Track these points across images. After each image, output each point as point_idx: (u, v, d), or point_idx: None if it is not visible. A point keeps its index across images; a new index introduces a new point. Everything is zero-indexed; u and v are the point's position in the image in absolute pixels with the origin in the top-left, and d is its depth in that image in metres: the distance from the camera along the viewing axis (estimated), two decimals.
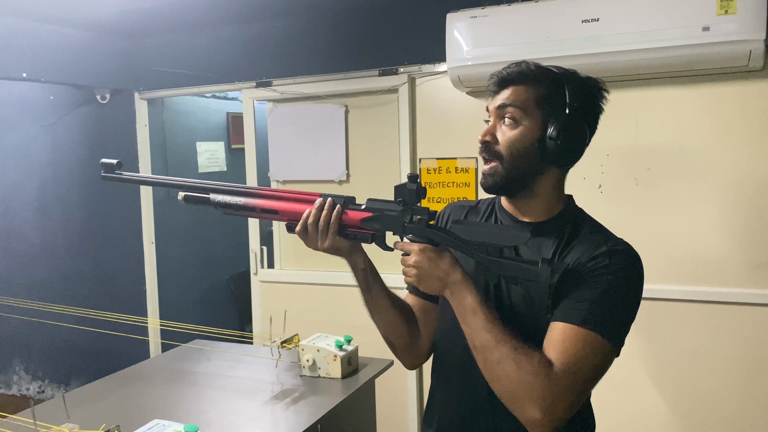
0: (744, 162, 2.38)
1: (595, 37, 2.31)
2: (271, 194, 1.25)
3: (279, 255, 3.33)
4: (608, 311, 1.06)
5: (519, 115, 1.14)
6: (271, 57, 3.21)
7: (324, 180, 3.14)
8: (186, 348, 2.47)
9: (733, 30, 2.11)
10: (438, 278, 1.11)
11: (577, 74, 1.18)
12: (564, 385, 1.02)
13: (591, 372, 1.05)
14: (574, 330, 1.05)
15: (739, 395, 2.43)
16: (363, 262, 1.25)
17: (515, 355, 1.03)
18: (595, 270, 1.09)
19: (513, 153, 1.14)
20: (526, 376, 1.01)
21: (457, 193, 2.86)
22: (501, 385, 1.05)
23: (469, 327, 1.09)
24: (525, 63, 1.18)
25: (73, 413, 1.66)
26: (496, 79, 1.20)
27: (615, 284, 1.08)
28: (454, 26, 2.55)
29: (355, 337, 2.17)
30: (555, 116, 1.13)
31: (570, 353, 1.03)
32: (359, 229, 1.19)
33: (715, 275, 2.44)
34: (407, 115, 2.91)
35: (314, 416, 1.79)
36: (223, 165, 4.41)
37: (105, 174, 1.34)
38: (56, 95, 3.84)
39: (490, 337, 1.05)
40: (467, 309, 1.09)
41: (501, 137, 1.16)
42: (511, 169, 1.15)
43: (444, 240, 1.14)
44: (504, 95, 1.17)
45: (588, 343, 1.04)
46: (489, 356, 1.06)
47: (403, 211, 1.16)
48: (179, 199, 1.31)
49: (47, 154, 3.93)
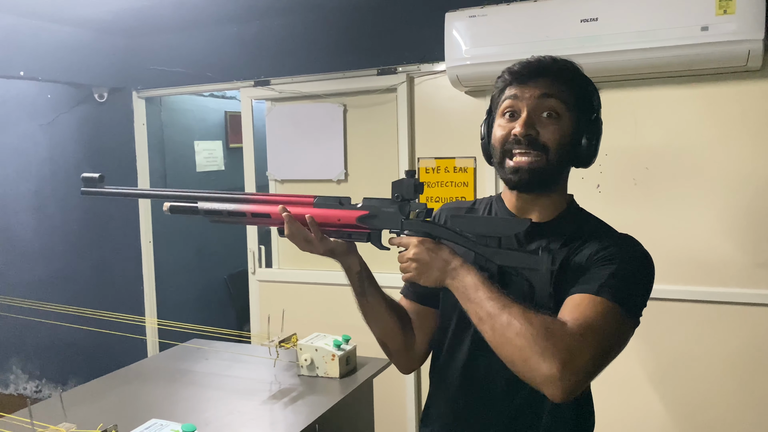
0: (743, 162, 2.38)
1: (594, 37, 2.30)
2: (261, 198, 1.23)
3: (277, 254, 3.32)
4: (625, 284, 1.04)
5: (561, 110, 1.11)
6: (269, 56, 3.20)
7: (322, 179, 3.13)
8: (184, 347, 2.47)
9: (731, 30, 2.11)
10: (438, 269, 1.09)
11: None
12: (580, 342, 0.96)
13: (607, 337, 1.00)
14: (589, 298, 1.02)
15: (738, 395, 2.43)
16: (358, 264, 1.23)
17: (524, 313, 0.98)
18: (606, 256, 1.08)
19: (559, 147, 1.11)
20: (539, 330, 0.95)
21: (455, 192, 2.86)
22: (512, 345, 0.97)
23: (472, 302, 1.04)
24: (560, 59, 1.15)
25: (70, 412, 1.66)
26: (527, 66, 1.14)
27: (629, 263, 1.08)
28: (452, 25, 2.55)
29: (354, 336, 2.17)
30: (585, 118, 1.13)
31: (584, 315, 1.00)
32: (355, 229, 1.17)
33: (714, 275, 2.44)
34: (406, 114, 2.91)
35: (312, 416, 1.78)
36: (221, 164, 4.40)
37: (85, 189, 1.31)
38: (54, 94, 3.83)
39: (495, 304, 1.01)
40: (469, 287, 1.05)
41: (543, 130, 1.11)
42: (556, 164, 1.12)
43: (442, 233, 1.12)
44: (544, 84, 1.11)
45: (603, 309, 1.01)
46: (496, 321, 1.00)
47: (401, 207, 1.14)
48: (164, 210, 1.27)
49: (44, 152, 3.92)
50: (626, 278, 1.06)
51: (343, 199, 1.19)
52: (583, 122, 1.13)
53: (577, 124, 1.12)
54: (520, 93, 1.12)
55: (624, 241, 1.13)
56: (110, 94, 3.65)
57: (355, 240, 1.19)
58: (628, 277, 1.06)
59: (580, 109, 1.13)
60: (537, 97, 1.11)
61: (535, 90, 1.11)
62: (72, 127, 3.81)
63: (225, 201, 1.24)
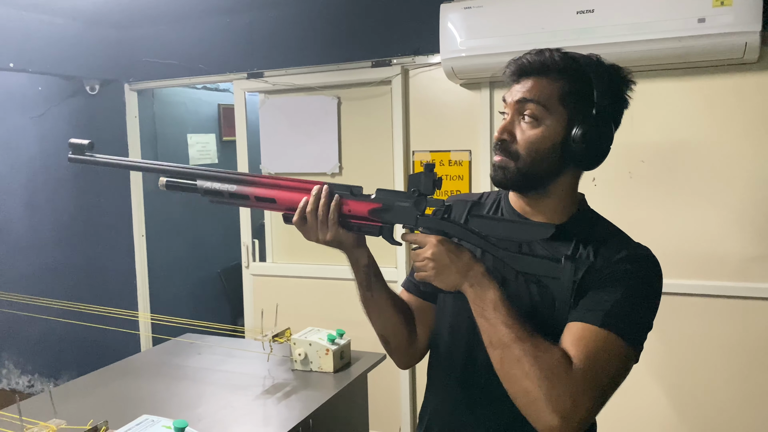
0: (739, 155, 2.37)
1: (590, 29, 2.29)
2: (267, 182, 1.13)
3: (271, 248, 3.31)
4: (629, 314, 1.01)
5: (541, 113, 1.06)
6: (262, 48, 3.17)
7: (316, 172, 3.11)
8: (177, 342, 2.45)
9: (728, 22, 2.10)
10: (458, 271, 1.04)
11: (603, 62, 1.09)
12: (583, 386, 0.95)
13: (611, 375, 0.99)
14: (593, 331, 0.99)
15: (737, 388, 2.43)
16: (366, 258, 1.17)
17: (535, 351, 0.96)
18: (616, 273, 1.04)
19: (532, 154, 1.06)
20: (545, 374, 0.95)
21: (450, 186, 2.84)
22: (518, 384, 0.98)
23: (488, 322, 1.02)
24: (548, 51, 1.08)
25: (60, 408, 1.64)
26: (514, 67, 1.10)
27: (636, 289, 1.04)
28: (447, 17, 2.53)
29: (348, 331, 2.16)
30: (581, 115, 1.05)
31: (590, 353, 0.97)
32: (366, 221, 1.10)
33: (710, 268, 2.44)
34: (400, 106, 2.89)
35: (306, 411, 1.77)
36: (214, 157, 4.37)
37: (73, 156, 1.20)
38: (45, 86, 3.79)
39: (510, 333, 0.99)
40: (488, 303, 1.02)
41: (520, 135, 1.07)
42: (527, 171, 1.07)
43: (460, 234, 1.07)
44: (524, 88, 1.07)
45: (608, 344, 0.99)
46: (507, 353, 0.98)
47: (417, 202, 1.08)
48: (160, 185, 1.16)
49: (36, 145, 3.88)
50: (634, 306, 1.02)
51: (355, 189, 1.11)
52: (579, 120, 1.05)
53: (568, 124, 1.06)
54: (507, 96, 1.11)
55: (638, 256, 1.08)
56: (102, 87, 3.61)
57: (366, 233, 1.12)
58: (635, 305, 1.03)
59: (571, 107, 1.06)
60: (516, 102, 1.08)
61: (517, 94, 1.08)
62: (63, 119, 3.77)
63: (227, 181, 1.14)
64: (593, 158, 1.08)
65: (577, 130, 1.05)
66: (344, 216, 1.11)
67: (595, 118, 1.05)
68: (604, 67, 1.08)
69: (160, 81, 3.50)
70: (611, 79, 1.08)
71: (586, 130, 1.04)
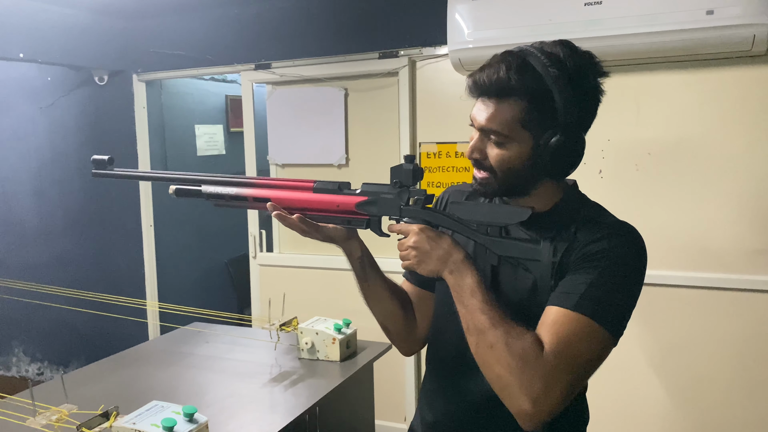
0: (746, 147, 2.37)
1: (598, 21, 2.28)
2: (263, 183, 1.23)
3: (278, 239, 3.33)
4: (604, 296, 1.00)
5: (504, 140, 1.05)
6: (270, 39, 3.18)
7: (323, 164, 3.12)
8: (185, 330, 2.48)
9: (737, 14, 2.09)
10: (438, 258, 1.07)
11: (566, 65, 1.03)
12: (555, 371, 0.96)
13: (584, 359, 0.99)
14: (567, 315, 0.99)
15: (739, 382, 2.44)
16: (359, 249, 1.22)
17: (507, 338, 0.98)
18: (593, 253, 1.03)
19: (505, 171, 1.07)
20: (516, 361, 0.96)
21: (457, 177, 2.85)
22: (491, 370, 1.00)
23: (465, 308, 1.04)
24: (504, 67, 1.04)
25: (71, 394, 1.66)
26: (471, 83, 1.10)
27: (613, 269, 1.02)
28: (455, 8, 2.53)
29: (354, 320, 2.18)
30: (545, 132, 1.04)
31: (561, 337, 0.98)
32: (354, 215, 1.17)
33: (714, 261, 2.44)
34: (407, 98, 2.89)
35: (312, 399, 1.79)
36: (221, 148, 4.39)
37: (96, 171, 1.31)
38: (53, 76, 3.81)
39: (486, 319, 1.01)
40: (465, 289, 1.04)
41: (491, 153, 1.08)
42: (504, 184, 1.09)
43: (442, 221, 1.11)
44: (485, 113, 1.06)
45: (582, 329, 0.98)
46: (482, 339, 1.01)
47: (400, 193, 1.13)
48: (170, 193, 1.28)
49: (45, 136, 3.91)
50: (609, 288, 1.01)
51: (343, 185, 1.18)
52: (545, 139, 1.04)
53: (533, 144, 1.05)
54: (473, 114, 1.11)
55: (617, 234, 1.06)
56: (110, 77, 3.63)
57: (355, 226, 1.18)
58: (611, 287, 1.01)
59: (534, 128, 1.04)
60: (481, 128, 1.09)
61: (478, 119, 1.08)
62: (72, 110, 3.80)
63: (228, 185, 1.24)
64: (564, 169, 1.08)
65: (543, 150, 1.04)
66: (332, 212, 1.18)
67: (561, 132, 1.03)
68: (567, 71, 1.02)
69: (168, 72, 3.51)
70: (577, 82, 1.03)
71: (552, 147, 1.03)
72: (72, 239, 3.92)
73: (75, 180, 3.85)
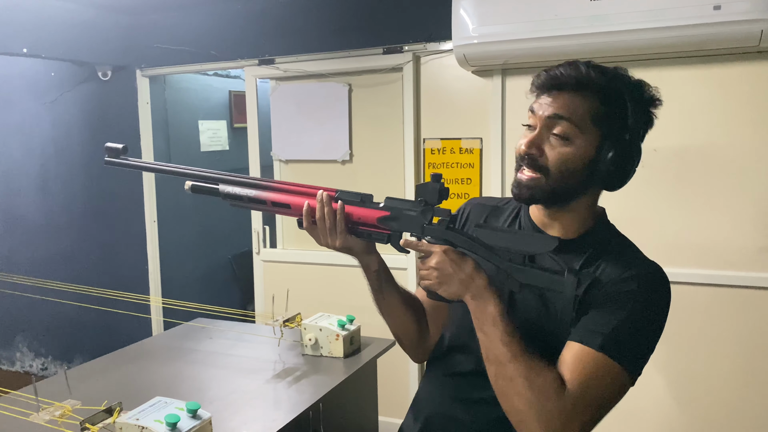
0: (752, 143, 2.35)
1: (604, 16, 2.27)
2: (282, 187, 1.18)
3: (281, 235, 3.32)
4: (630, 340, 1.00)
5: (572, 132, 1.03)
6: (274, 34, 3.17)
7: (327, 160, 3.12)
8: (188, 326, 2.47)
9: (744, 9, 2.08)
10: (460, 281, 1.04)
11: (636, 82, 1.06)
12: (574, 410, 0.96)
13: (604, 400, 0.99)
14: (591, 354, 0.99)
15: (742, 378, 2.43)
16: (376, 263, 1.20)
17: (528, 373, 0.97)
18: (621, 293, 1.02)
19: (563, 172, 1.04)
20: (537, 396, 0.96)
21: (461, 174, 2.84)
22: (510, 402, 0.99)
23: (486, 336, 1.02)
24: (584, 66, 1.05)
25: (75, 390, 1.67)
26: (545, 78, 1.07)
27: (640, 311, 1.02)
28: (460, 4, 2.51)
29: (358, 316, 2.17)
30: (613, 136, 1.03)
31: (584, 378, 0.97)
32: (375, 228, 1.13)
33: (719, 258, 2.43)
34: (411, 94, 2.88)
35: (316, 395, 1.79)
36: (225, 144, 4.39)
37: (109, 159, 1.26)
38: (57, 72, 3.81)
39: (507, 351, 0.99)
40: (487, 317, 1.02)
41: (550, 152, 1.05)
42: (556, 188, 1.06)
43: (465, 244, 1.07)
44: (556, 103, 1.04)
45: (604, 369, 0.98)
46: (502, 371, 1.00)
47: (424, 211, 1.09)
48: (186, 188, 1.24)
49: (48, 131, 3.91)
50: (635, 331, 1.01)
51: (365, 197, 1.14)
52: (610, 143, 1.03)
53: (599, 145, 1.04)
54: (537, 108, 1.08)
55: (646, 276, 1.05)
56: (114, 73, 3.63)
57: (375, 240, 1.15)
58: (637, 330, 1.01)
59: (604, 128, 1.03)
60: (547, 117, 1.05)
61: (549, 108, 1.05)
62: (76, 105, 3.80)
63: (246, 186, 1.20)
64: (620, 180, 1.07)
65: (608, 153, 1.03)
66: (354, 223, 1.14)
67: (627, 140, 1.04)
68: (638, 87, 1.06)
69: (172, 67, 3.51)
70: (642, 98, 1.06)
71: (617, 152, 1.03)
72: (76, 235, 3.92)
73: (79, 175, 3.85)
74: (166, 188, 3.76)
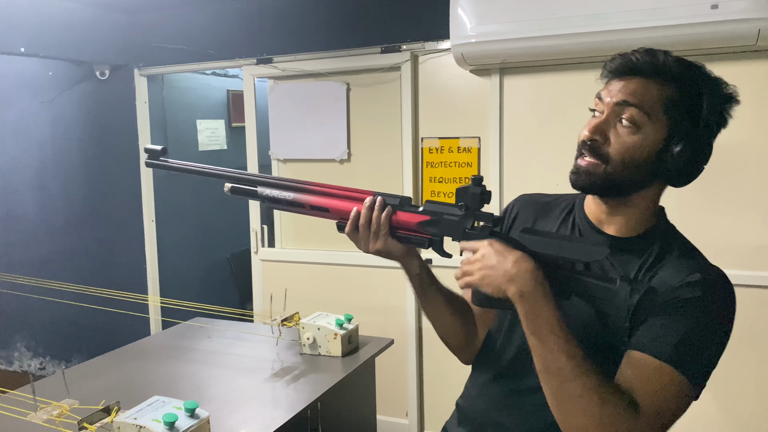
0: (752, 142, 2.35)
1: (602, 15, 2.27)
2: (321, 190, 1.16)
3: (280, 234, 3.32)
4: (697, 351, 0.94)
5: (641, 120, 0.98)
6: (272, 33, 3.17)
7: (325, 159, 3.12)
8: (186, 326, 2.48)
9: (742, 8, 2.08)
10: (505, 273, 0.96)
11: (714, 77, 1.01)
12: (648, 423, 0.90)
13: (673, 418, 0.94)
14: (658, 367, 0.93)
15: (744, 376, 2.43)
16: (418, 267, 1.16)
17: (601, 392, 0.90)
18: (687, 300, 0.96)
19: (625, 161, 0.99)
20: (609, 417, 0.89)
21: (459, 173, 2.84)
22: (573, 420, 0.92)
23: (542, 345, 0.94)
24: (662, 53, 1.00)
25: (73, 389, 1.66)
26: (620, 62, 1.02)
27: (707, 321, 0.95)
28: (457, 3, 2.51)
29: (356, 315, 2.17)
30: (684, 128, 0.98)
31: (655, 394, 0.92)
32: (415, 233, 1.10)
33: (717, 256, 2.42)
34: (410, 93, 2.88)
35: (314, 394, 1.79)
36: (223, 143, 4.38)
37: (149, 161, 1.26)
38: (55, 71, 3.80)
39: (573, 365, 0.91)
40: (543, 324, 0.94)
41: (615, 139, 1.00)
42: (616, 177, 1.00)
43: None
44: (627, 89, 0.99)
45: (673, 384, 0.92)
46: (566, 386, 0.92)
47: (465, 215, 1.06)
48: (225, 191, 1.23)
49: (47, 130, 3.91)
50: (703, 343, 0.94)
51: (404, 200, 1.11)
52: (680, 134, 0.98)
53: (669, 136, 0.98)
54: (605, 94, 1.03)
55: (712, 282, 0.98)
56: (112, 72, 3.62)
57: (416, 244, 1.12)
58: (705, 342, 0.95)
59: (675, 118, 0.98)
60: (615, 103, 1.00)
61: (618, 94, 1.00)
62: (74, 104, 3.79)
63: (285, 189, 1.18)
64: (686, 175, 1.02)
65: (677, 145, 0.98)
66: (393, 227, 1.11)
67: (698, 134, 0.99)
68: (715, 80, 1.01)
69: (170, 66, 3.50)
70: (720, 92, 1.01)
71: (686, 145, 0.98)
72: (74, 234, 3.92)
73: (77, 174, 3.85)
74: (165, 187, 3.76)
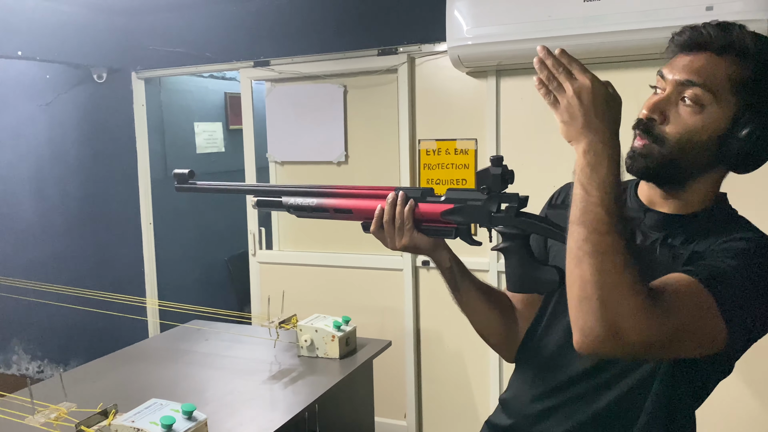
0: None
1: (598, 17, 2.28)
2: (343, 192, 1.16)
3: (277, 236, 3.32)
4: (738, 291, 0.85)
5: (707, 99, 0.90)
6: (269, 36, 3.17)
7: (322, 161, 3.12)
8: (184, 328, 2.48)
9: (737, 9, 2.09)
10: (594, 118, 0.84)
11: None
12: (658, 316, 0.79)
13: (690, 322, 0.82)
14: (692, 282, 0.84)
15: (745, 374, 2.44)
16: (448, 259, 1.13)
17: (626, 257, 0.79)
18: (734, 248, 0.89)
19: (683, 144, 0.92)
20: (622, 286, 0.78)
21: (456, 174, 2.85)
22: (585, 273, 0.80)
23: (587, 194, 0.82)
24: (736, 26, 0.91)
25: (70, 392, 1.67)
26: (688, 36, 0.93)
27: (754, 273, 0.87)
28: (454, 5, 2.52)
29: (353, 317, 2.18)
30: (753, 110, 0.90)
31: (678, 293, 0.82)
32: (440, 224, 1.07)
33: None
34: (407, 95, 2.89)
35: (312, 396, 1.79)
36: (221, 146, 4.39)
37: (179, 185, 1.29)
38: (52, 74, 3.80)
39: (608, 220, 0.80)
40: (597, 176, 0.82)
41: (675, 119, 0.93)
42: (671, 160, 0.93)
43: (538, 229, 0.99)
44: (692, 66, 0.91)
45: (702, 300, 0.83)
46: (593, 239, 0.80)
47: (489, 199, 1.01)
48: (252, 205, 1.26)
49: (44, 133, 3.90)
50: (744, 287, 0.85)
51: (426, 191, 1.09)
52: (749, 116, 0.90)
53: (735, 118, 0.91)
54: (667, 71, 0.95)
55: (762, 242, 0.92)
56: (109, 75, 3.62)
57: (442, 236, 1.09)
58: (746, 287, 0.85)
59: (744, 98, 0.90)
60: (678, 81, 0.93)
61: (683, 71, 0.92)
62: (71, 108, 3.79)
63: (308, 195, 1.18)
64: (751, 162, 0.95)
65: (744, 127, 0.90)
66: (418, 220, 1.09)
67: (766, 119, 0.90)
68: None
69: (167, 69, 3.51)
70: None
71: (756, 129, 0.90)
72: (72, 237, 3.92)
73: (74, 178, 3.85)
74: (162, 190, 3.76)
